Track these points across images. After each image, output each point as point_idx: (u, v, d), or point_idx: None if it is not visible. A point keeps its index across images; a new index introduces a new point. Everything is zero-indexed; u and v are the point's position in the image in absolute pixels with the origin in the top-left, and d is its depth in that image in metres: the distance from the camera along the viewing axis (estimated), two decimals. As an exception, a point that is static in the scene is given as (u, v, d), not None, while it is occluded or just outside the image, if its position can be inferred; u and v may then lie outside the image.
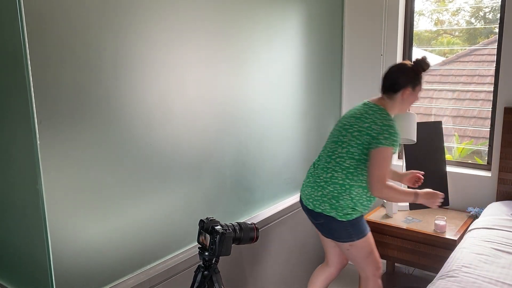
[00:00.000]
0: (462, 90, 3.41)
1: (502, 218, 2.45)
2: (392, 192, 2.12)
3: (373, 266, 2.32)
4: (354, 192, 2.18)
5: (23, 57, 1.48)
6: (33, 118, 1.52)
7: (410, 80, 2.19)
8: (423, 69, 2.20)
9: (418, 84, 2.22)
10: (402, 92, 2.19)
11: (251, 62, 2.44)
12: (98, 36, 1.68)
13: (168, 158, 2.02)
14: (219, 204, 2.35)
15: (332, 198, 2.18)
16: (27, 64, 1.48)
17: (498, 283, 1.85)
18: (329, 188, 2.20)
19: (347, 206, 2.17)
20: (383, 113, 2.17)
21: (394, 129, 2.12)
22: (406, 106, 2.26)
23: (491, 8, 3.06)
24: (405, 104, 2.24)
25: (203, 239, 1.72)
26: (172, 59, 1.98)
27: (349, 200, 2.17)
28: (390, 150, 2.11)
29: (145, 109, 1.89)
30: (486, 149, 3.00)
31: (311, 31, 2.91)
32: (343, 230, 2.22)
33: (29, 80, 1.49)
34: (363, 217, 2.28)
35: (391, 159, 2.15)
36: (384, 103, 2.23)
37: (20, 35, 1.47)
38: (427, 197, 2.20)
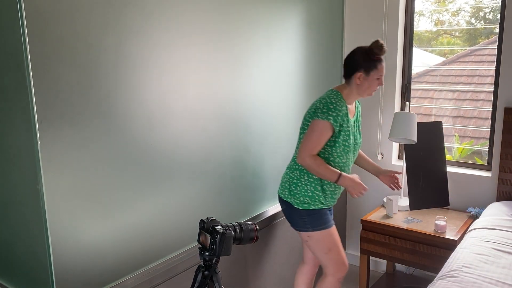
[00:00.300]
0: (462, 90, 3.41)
1: (502, 218, 2.45)
2: (316, 164, 2.13)
3: (334, 265, 2.32)
4: (311, 178, 2.21)
5: (23, 57, 1.48)
6: (34, 118, 1.52)
7: (361, 64, 2.15)
8: (375, 53, 2.14)
9: (372, 69, 2.15)
10: (355, 77, 2.17)
11: (251, 62, 2.44)
12: (99, 36, 1.68)
13: (168, 158, 2.02)
14: (219, 204, 2.35)
15: (291, 185, 2.25)
16: (28, 64, 1.48)
17: (498, 283, 1.85)
18: (290, 175, 2.28)
19: (305, 194, 2.21)
20: (332, 93, 2.19)
21: (334, 106, 2.12)
22: (363, 91, 2.20)
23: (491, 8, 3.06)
24: (362, 89, 2.20)
25: (203, 239, 1.72)
26: (172, 59, 1.98)
27: (307, 186, 2.21)
28: (325, 123, 2.11)
29: (146, 109, 1.89)
30: (486, 150, 3.00)
31: (311, 31, 2.91)
32: (298, 218, 2.26)
33: (29, 80, 1.49)
34: (326, 211, 2.28)
35: (326, 134, 2.13)
36: (343, 88, 2.23)
37: (20, 35, 1.47)
38: (350, 183, 2.18)
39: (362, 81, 2.17)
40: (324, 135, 2.13)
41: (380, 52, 2.13)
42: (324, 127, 2.12)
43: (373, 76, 2.17)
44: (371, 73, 2.16)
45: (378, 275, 3.30)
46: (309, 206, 2.22)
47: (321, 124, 2.12)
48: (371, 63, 2.15)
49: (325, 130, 2.12)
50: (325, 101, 2.16)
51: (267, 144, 2.64)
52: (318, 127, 2.13)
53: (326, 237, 2.26)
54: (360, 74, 2.15)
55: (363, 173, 2.90)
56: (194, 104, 2.12)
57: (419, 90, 3.45)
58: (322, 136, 2.13)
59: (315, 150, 2.14)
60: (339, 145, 2.19)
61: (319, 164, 2.14)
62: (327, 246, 2.28)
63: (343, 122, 2.16)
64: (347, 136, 2.19)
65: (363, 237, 2.87)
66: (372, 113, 3.24)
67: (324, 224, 2.25)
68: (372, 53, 2.14)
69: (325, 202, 2.26)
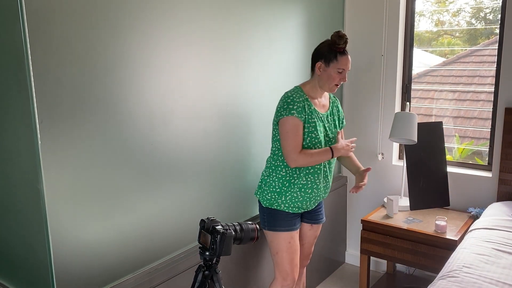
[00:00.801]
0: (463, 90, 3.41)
1: (502, 219, 2.45)
2: (308, 157, 2.12)
3: (278, 270, 2.30)
4: (279, 175, 2.20)
5: (24, 56, 1.48)
6: (34, 118, 1.52)
7: (322, 54, 2.12)
8: (336, 43, 2.09)
9: (332, 59, 2.10)
10: (316, 67, 2.14)
11: (252, 63, 2.44)
12: (99, 36, 1.68)
13: (169, 158, 2.02)
14: (220, 204, 2.35)
15: (262, 181, 2.28)
16: (29, 64, 1.48)
17: (499, 283, 1.85)
18: (263, 172, 2.30)
19: (272, 190, 2.22)
20: (292, 89, 2.18)
21: (291, 99, 2.11)
22: (323, 83, 2.16)
23: (492, 9, 3.07)
24: (322, 81, 2.15)
25: (204, 239, 1.72)
26: (173, 59, 1.98)
27: (275, 182, 2.21)
28: (291, 119, 2.09)
29: (147, 108, 1.89)
30: (487, 150, 3.00)
31: (311, 31, 2.91)
32: (261, 215, 2.30)
33: (30, 79, 1.49)
34: (286, 214, 2.23)
35: (299, 127, 2.11)
36: (307, 83, 2.22)
37: (21, 35, 1.47)
38: (342, 150, 2.20)
39: (322, 72, 2.13)
40: (298, 129, 2.11)
41: (340, 41, 2.08)
42: (293, 122, 2.09)
43: (333, 68, 2.11)
44: (331, 64, 2.10)
45: (378, 275, 3.30)
46: (271, 205, 2.23)
47: (289, 120, 2.09)
48: (332, 53, 2.10)
49: (295, 124, 2.10)
50: (283, 99, 2.15)
51: (268, 144, 2.64)
52: (288, 125, 2.10)
53: (275, 239, 2.25)
54: (320, 64, 2.12)
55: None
56: (194, 104, 2.12)
57: (420, 90, 3.45)
58: (297, 130, 2.10)
59: (298, 147, 2.11)
60: (304, 138, 2.14)
61: (311, 155, 2.13)
62: (274, 249, 2.28)
63: (305, 114, 2.12)
64: (312, 128, 2.14)
65: (363, 237, 2.87)
66: (373, 113, 3.24)
67: (277, 226, 2.23)
68: (333, 44, 2.09)
69: (290, 204, 2.22)
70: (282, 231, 2.24)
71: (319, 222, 2.44)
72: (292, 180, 2.20)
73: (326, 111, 2.25)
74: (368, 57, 3.20)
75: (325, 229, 3.22)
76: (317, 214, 2.41)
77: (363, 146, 3.33)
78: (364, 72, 3.23)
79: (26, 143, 1.58)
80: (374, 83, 3.20)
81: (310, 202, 2.27)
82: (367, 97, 3.25)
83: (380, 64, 3.15)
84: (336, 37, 2.08)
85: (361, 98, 3.28)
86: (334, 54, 2.10)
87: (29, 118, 1.53)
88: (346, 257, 3.56)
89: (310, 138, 2.14)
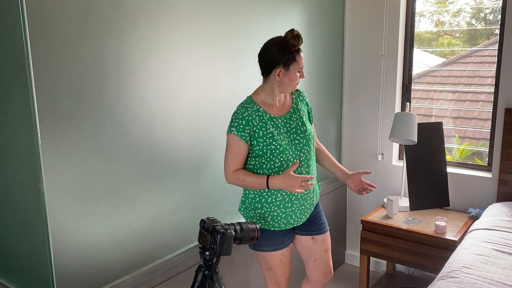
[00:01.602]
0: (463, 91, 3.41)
1: (502, 219, 2.45)
2: (239, 180, 1.96)
3: (271, 283, 2.16)
4: (255, 191, 2.03)
5: (25, 56, 1.48)
6: (35, 117, 1.52)
7: (279, 58, 1.89)
8: (292, 45, 1.88)
9: (292, 62, 1.90)
10: (274, 74, 1.92)
11: (251, 62, 2.44)
12: (99, 36, 1.68)
13: (169, 158, 2.02)
14: (220, 203, 2.35)
15: (244, 195, 2.10)
16: (29, 63, 1.48)
17: (498, 284, 1.85)
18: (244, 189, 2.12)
19: (254, 207, 2.04)
20: (243, 102, 2.00)
21: (235, 115, 1.94)
22: (285, 87, 1.97)
23: (492, 9, 3.06)
24: (283, 85, 1.96)
25: (204, 238, 1.71)
26: (173, 59, 1.98)
27: (255, 200, 2.03)
28: (230, 137, 1.95)
29: (147, 108, 1.89)
30: (487, 150, 3.00)
31: (312, 31, 2.91)
32: None
33: (30, 79, 1.49)
34: (273, 233, 2.06)
35: (237, 146, 1.94)
36: (260, 90, 2.01)
37: (22, 35, 1.47)
38: (284, 182, 1.93)
39: (282, 77, 1.93)
40: (235, 148, 1.94)
41: (297, 42, 1.88)
42: (230, 140, 1.95)
43: (293, 70, 1.92)
44: (291, 67, 1.91)
45: (378, 275, 3.30)
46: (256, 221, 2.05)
47: (228, 138, 1.96)
48: (290, 56, 1.89)
49: (232, 143, 1.94)
50: (233, 113, 1.98)
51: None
52: (227, 142, 1.97)
53: (265, 258, 2.09)
54: (279, 70, 1.91)
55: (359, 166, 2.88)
56: (194, 104, 2.12)
57: (420, 90, 3.45)
58: (233, 149, 1.95)
59: (233, 166, 1.96)
60: (262, 154, 1.96)
61: (242, 179, 1.96)
62: (266, 265, 2.12)
63: (256, 128, 1.94)
64: (270, 140, 1.95)
65: (363, 237, 2.87)
66: (373, 113, 3.25)
67: (265, 246, 2.06)
68: (289, 45, 1.88)
69: (275, 223, 2.04)
70: (270, 251, 2.07)
71: (321, 232, 2.19)
72: (267, 197, 2.01)
73: (289, 110, 2.04)
74: (368, 57, 3.20)
75: (325, 229, 3.22)
76: (315, 224, 2.18)
77: (363, 146, 3.33)
78: (364, 72, 3.23)
79: (26, 143, 1.58)
80: (374, 83, 3.20)
81: (296, 216, 2.07)
82: (367, 97, 3.25)
83: (380, 64, 3.15)
84: (292, 39, 1.86)
85: (361, 98, 3.28)
86: (292, 56, 1.90)
87: (30, 118, 1.53)
88: (346, 258, 3.56)
89: (271, 151, 1.95)
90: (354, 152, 3.38)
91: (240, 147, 1.95)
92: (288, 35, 1.87)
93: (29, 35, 1.47)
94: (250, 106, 1.96)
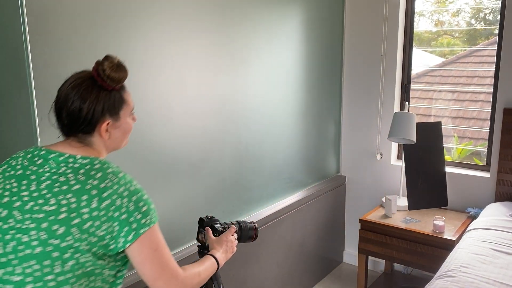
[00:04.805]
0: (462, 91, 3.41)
1: (500, 219, 2.45)
2: (196, 275, 1.33)
3: None
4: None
5: (24, 54, 1.48)
6: (34, 115, 1.52)
7: (101, 107, 1.20)
8: (117, 80, 1.21)
9: (122, 105, 1.25)
10: (100, 130, 1.23)
11: (251, 62, 2.45)
12: (99, 34, 1.68)
13: (168, 157, 2.03)
14: (218, 202, 2.35)
15: None
16: (29, 61, 1.49)
17: (496, 283, 1.86)
18: None
19: None
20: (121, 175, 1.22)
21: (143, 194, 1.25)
22: (120, 141, 1.33)
23: (491, 9, 3.07)
24: (117, 140, 1.31)
25: (202, 237, 1.72)
26: (172, 58, 1.99)
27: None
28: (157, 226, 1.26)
29: (146, 107, 1.90)
30: (485, 150, 3.01)
31: (311, 30, 2.92)
32: None
33: (30, 77, 1.49)
34: None
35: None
36: (87, 152, 1.23)
37: (21, 33, 1.47)
38: (225, 248, 1.58)
39: (113, 131, 1.26)
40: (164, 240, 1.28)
41: (122, 74, 1.22)
42: (157, 232, 1.25)
43: (125, 115, 1.28)
44: (121, 113, 1.26)
45: (376, 274, 3.30)
46: None
47: (154, 231, 1.23)
48: (116, 97, 1.23)
49: (160, 234, 1.26)
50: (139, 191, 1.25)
51: (267, 143, 2.64)
52: (156, 237, 1.23)
53: None
54: (109, 122, 1.23)
55: (358, 166, 2.88)
56: (194, 103, 2.12)
57: (419, 90, 3.46)
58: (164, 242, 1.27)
59: (176, 264, 1.27)
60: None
61: (196, 270, 1.36)
62: None
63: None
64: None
65: (361, 236, 2.87)
66: (372, 112, 3.25)
67: None
68: (111, 82, 1.20)
69: None
70: None
71: None
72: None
73: None
74: (367, 56, 3.20)
75: (323, 229, 3.23)
76: None
77: (361, 145, 3.33)
78: (363, 71, 3.24)
79: (25, 141, 1.58)
80: (373, 83, 3.20)
81: None
82: (366, 96, 3.25)
83: (380, 64, 3.16)
84: (113, 70, 1.20)
85: (360, 98, 3.29)
86: (118, 96, 1.23)
87: (29, 116, 1.53)
88: (344, 257, 3.56)
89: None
90: (353, 151, 3.39)
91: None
92: (105, 66, 1.19)
93: (28, 33, 1.47)
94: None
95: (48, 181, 1.14)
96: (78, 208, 1.10)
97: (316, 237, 3.15)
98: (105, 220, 1.11)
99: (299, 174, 2.99)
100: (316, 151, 3.13)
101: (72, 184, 1.13)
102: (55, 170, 1.15)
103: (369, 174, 3.32)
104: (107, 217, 1.11)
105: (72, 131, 1.22)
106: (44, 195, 1.12)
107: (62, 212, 1.09)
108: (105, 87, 1.21)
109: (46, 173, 1.15)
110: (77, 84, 1.20)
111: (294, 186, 2.96)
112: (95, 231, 1.10)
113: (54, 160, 1.17)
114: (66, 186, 1.12)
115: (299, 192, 3.00)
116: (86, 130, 1.22)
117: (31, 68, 1.49)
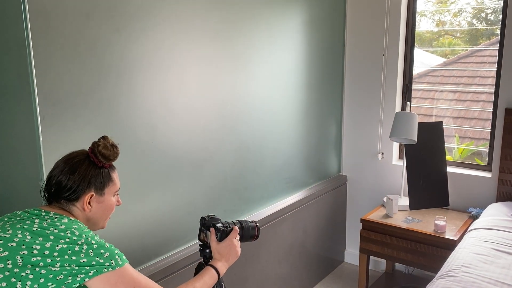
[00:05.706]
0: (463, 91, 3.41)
1: (502, 219, 2.45)
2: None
3: None
4: None
5: (26, 54, 1.48)
6: (36, 114, 1.52)
7: (89, 180, 1.31)
8: (108, 158, 1.34)
9: (107, 183, 1.36)
10: (83, 202, 1.32)
11: (252, 62, 2.45)
12: (101, 34, 1.68)
13: (169, 156, 2.03)
14: (220, 202, 2.35)
15: None
16: (31, 61, 1.49)
17: (497, 283, 1.86)
18: None
19: None
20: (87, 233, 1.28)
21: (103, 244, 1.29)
22: (99, 218, 1.39)
23: (493, 9, 3.07)
24: (96, 217, 1.37)
25: (204, 236, 1.72)
26: (174, 58, 1.99)
27: None
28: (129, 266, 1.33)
29: (148, 107, 1.90)
30: (487, 150, 3.01)
31: (313, 30, 2.92)
32: None
33: (32, 76, 1.50)
34: None
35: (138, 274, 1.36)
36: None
37: (24, 32, 1.47)
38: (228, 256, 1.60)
39: (96, 205, 1.35)
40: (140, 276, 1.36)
41: (114, 154, 1.36)
42: (131, 271, 1.33)
43: (109, 193, 1.37)
44: (106, 190, 1.36)
45: (377, 274, 3.30)
46: None
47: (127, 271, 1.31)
48: (104, 173, 1.35)
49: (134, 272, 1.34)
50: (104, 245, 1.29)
51: (268, 143, 2.64)
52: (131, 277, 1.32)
53: None
54: (91, 195, 1.32)
55: (359, 165, 2.87)
56: (195, 103, 2.13)
57: (420, 90, 3.46)
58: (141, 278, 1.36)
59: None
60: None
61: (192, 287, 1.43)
62: None
63: None
64: None
65: (362, 236, 2.87)
66: (373, 112, 3.25)
67: None
68: (103, 158, 1.34)
69: None
70: None
71: None
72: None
73: None
74: (369, 56, 3.20)
75: (325, 228, 3.23)
76: None
77: (363, 145, 3.33)
78: (365, 71, 3.23)
79: (27, 140, 1.58)
80: (375, 83, 3.20)
81: None
82: (368, 96, 3.25)
83: (381, 63, 3.16)
84: (107, 149, 1.34)
85: (361, 98, 3.29)
86: (106, 174, 1.35)
87: (31, 115, 1.53)
88: (345, 256, 3.56)
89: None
90: (354, 151, 3.38)
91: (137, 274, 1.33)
92: (100, 145, 1.34)
93: (31, 32, 1.47)
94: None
95: (16, 221, 1.25)
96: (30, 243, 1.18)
97: (317, 236, 3.15)
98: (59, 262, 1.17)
99: (300, 173, 2.99)
100: (317, 151, 3.13)
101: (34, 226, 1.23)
102: (27, 216, 1.27)
103: (370, 174, 3.32)
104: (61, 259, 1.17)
105: (57, 198, 1.33)
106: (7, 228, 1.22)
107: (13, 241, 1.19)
108: (96, 163, 1.33)
109: (18, 217, 1.27)
110: (71, 158, 1.34)
111: (295, 185, 2.96)
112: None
113: (30, 212, 1.29)
114: (28, 226, 1.23)
115: (300, 192, 3.00)
116: (70, 197, 1.31)
117: (33, 68, 1.49)
